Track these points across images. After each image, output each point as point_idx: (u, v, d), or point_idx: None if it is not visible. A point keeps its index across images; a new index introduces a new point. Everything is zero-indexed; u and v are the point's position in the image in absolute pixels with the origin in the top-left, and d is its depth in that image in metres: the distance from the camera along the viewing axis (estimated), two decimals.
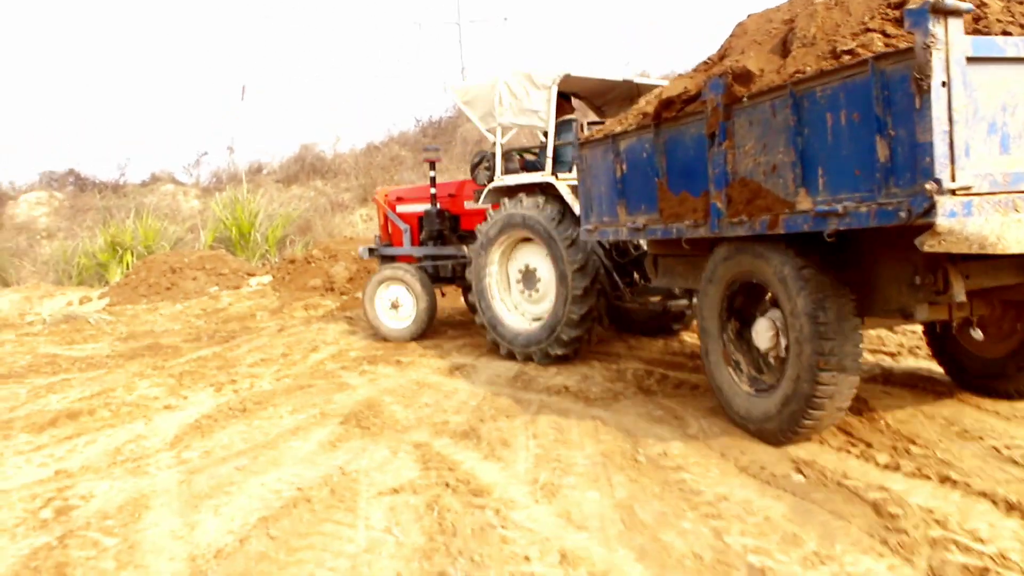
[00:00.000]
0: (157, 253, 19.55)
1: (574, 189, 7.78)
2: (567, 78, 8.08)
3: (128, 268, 19.42)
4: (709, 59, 5.73)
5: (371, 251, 11.07)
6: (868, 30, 4.20)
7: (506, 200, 8.37)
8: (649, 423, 5.90)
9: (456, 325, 11.28)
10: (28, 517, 4.77)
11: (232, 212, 20.88)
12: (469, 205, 9.83)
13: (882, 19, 4.22)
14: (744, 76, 4.75)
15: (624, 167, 6.18)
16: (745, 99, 4.75)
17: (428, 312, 9.81)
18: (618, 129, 6.21)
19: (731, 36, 5.68)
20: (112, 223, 21.16)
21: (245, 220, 20.63)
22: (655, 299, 8.00)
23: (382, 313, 10.07)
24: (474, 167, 9.14)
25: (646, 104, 6.12)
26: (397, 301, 9.98)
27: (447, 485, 4.76)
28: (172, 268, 17.52)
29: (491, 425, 6.04)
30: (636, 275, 8.43)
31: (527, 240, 8.38)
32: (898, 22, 4.09)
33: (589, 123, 7.67)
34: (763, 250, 4.88)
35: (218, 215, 21.36)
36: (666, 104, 5.44)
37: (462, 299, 11.37)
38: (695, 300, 6.58)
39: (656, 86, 8.75)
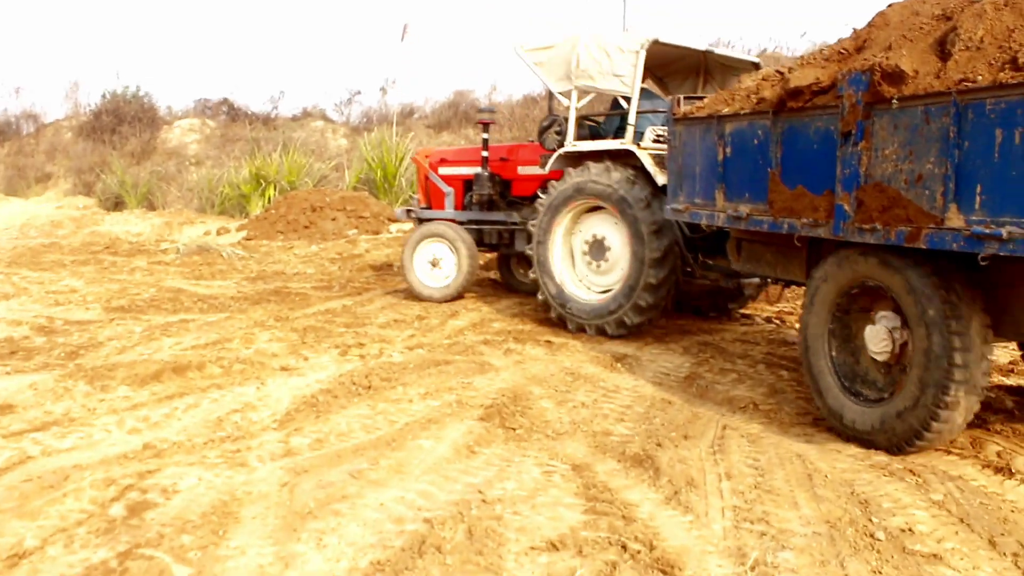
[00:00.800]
0: (299, 189, 19.06)
1: (655, 158, 7.61)
2: (655, 43, 7.72)
3: (269, 202, 19.03)
4: (844, 49, 5.29)
5: (408, 212, 10.71)
6: None
7: (570, 168, 8.05)
8: (874, 474, 4.54)
9: None
10: (96, 512, 3.86)
11: (379, 154, 20.20)
12: (524, 170, 9.47)
13: None
14: (896, 76, 4.43)
15: (728, 150, 5.93)
16: (895, 101, 4.44)
17: (470, 274, 9.47)
18: (726, 110, 5.92)
19: (870, 26, 5.29)
20: (259, 155, 20.84)
21: (392, 163, 19.90)
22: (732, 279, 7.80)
23: (420, 270, 9.71)
24: (543, 131, 8.71)
25: (758, 87, 5.81)
26: (437, 259, 9.61)
27: (623, 547, 3.54)
28: (312, 206, 16.93)
29: (670, 452, 4.80)
30: (700, 254, 7.94)
31: (594, 210, 8.07)
32: None
33: (685, 98, 7.03)
34: (895, 261, 4.69)
35: (364, 156, 20.72)
36: (793, 93, 5.14)
37: (507, 275, 10.99)
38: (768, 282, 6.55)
39: (740, 59, 8.63)
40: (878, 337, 4.93)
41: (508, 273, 10.95)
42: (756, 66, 8.81)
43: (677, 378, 6.63)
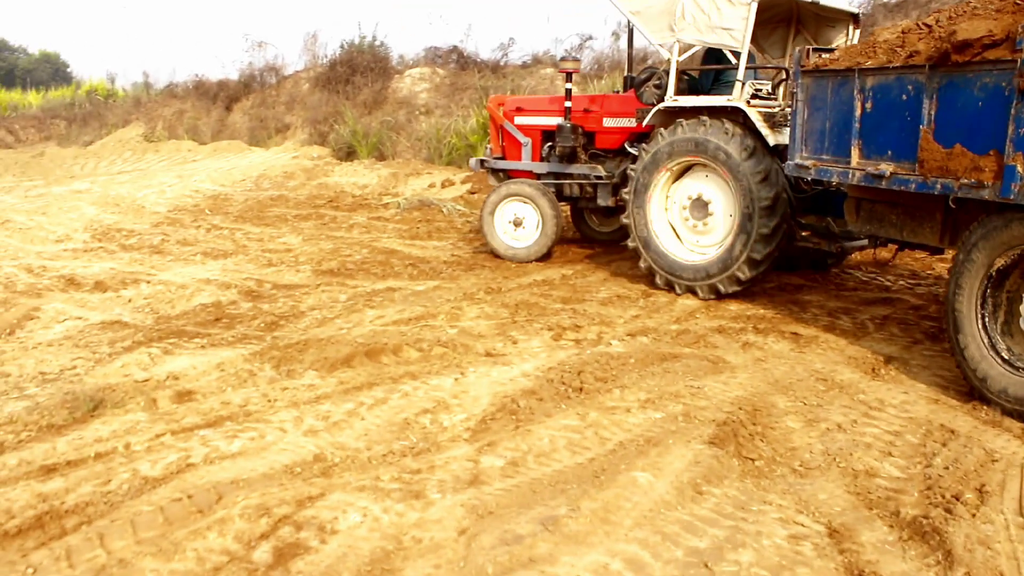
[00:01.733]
0: None
1: (763, 116, 7.34)
2: None
3: None
4: (1019, 1, 4.86)
5: (483, 163, 10.23)
6: None
7: (683, 122, 7.67)
8: None
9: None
10: (238, 554, 3.26)
11: None
12: (609, 122, 9.02)
13: None
14: None
15: (869, 105, 5.71)
16: None
17: (555, 233, 9.12)
18: (869, 63, 5.68)
19: None
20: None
21: None
22: (830, 242, 7.60)
23: (502, 230, 9.38)
24: (640, 84, 8.44)
25: (903, 40, 5.54)
26: (519, 219, 9.25)
27: None
28: None
29: (964, 524, 3.58)
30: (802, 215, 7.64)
31: (698, 167, 7.75)
32: None
33: (814, 49, 6.65)
34: None
35: None
36: (960, 46, 4.84)
37: (583, 226, 10.67)
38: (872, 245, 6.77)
39: (838, 9, 8.08)
40: None
41: (584, 224, 10.69)
42: (855, 17, 8.36)
43: (958, 394, 5.27)
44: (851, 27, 8.39)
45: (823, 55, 6.58)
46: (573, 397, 5.08)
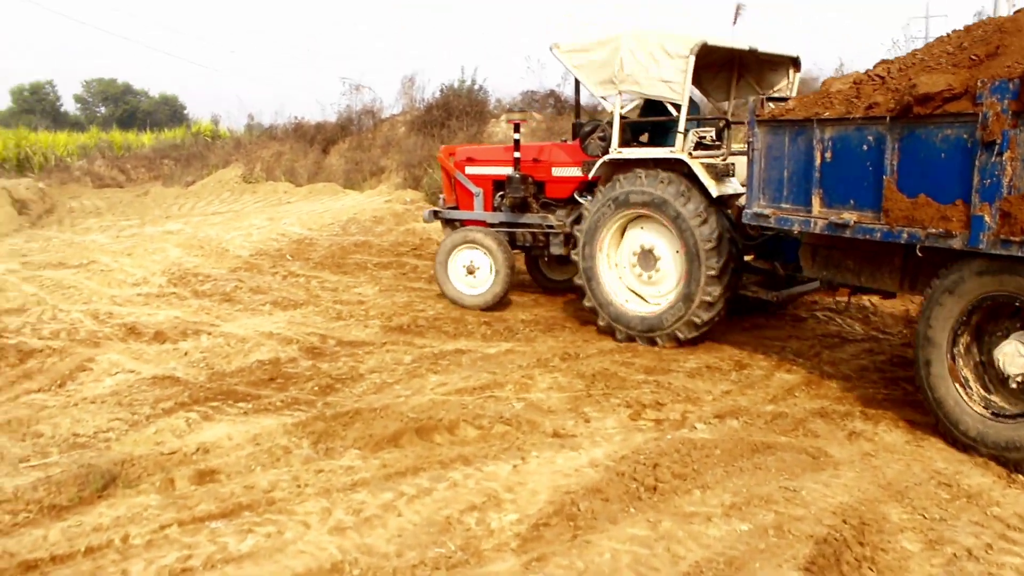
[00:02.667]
0: None
1: (707, 167, 7.39)
2: (704, 47, 7.35)
3: None
4: (975, 55, 5.09)
5: (435, 214, 10.21)
6: None
7: (621, 176, 7.76)
8: None
9: None
10: None
11: None
12: (559, 172, 9.02)
13: None
14: None
15: (828, 155, 5.81)
16: None
17: (508, 279, 9.03)
18: (827, 114, 5.79)
19: (1001, 32, 5.16)
20: None
21: None
22: (778, 291, 7.63)
23: (455, 278, 9.34)
24: (585, 136, 8.52)
25: (858, 91, 5.72)
26: (473, 266, 9.22)
27: None
28: None
29: None
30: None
31: (641, 218, 7.83)
32: None
33: (768, 99, 6.75)
34: None
35: None
36: (922, 99, 4.99)
37: (536, 274, 10.57)
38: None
39: (781, 55, 8.30)
40: (1016, 352, 4.84)
41: (538, 273, 10.59)
42: (795, 61, 8.53)
43: None
44: (791, 71, 8.63)
45: (776, 104, 6.63)
46: (645, 498, 4.37)
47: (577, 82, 9.12)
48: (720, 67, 8.53)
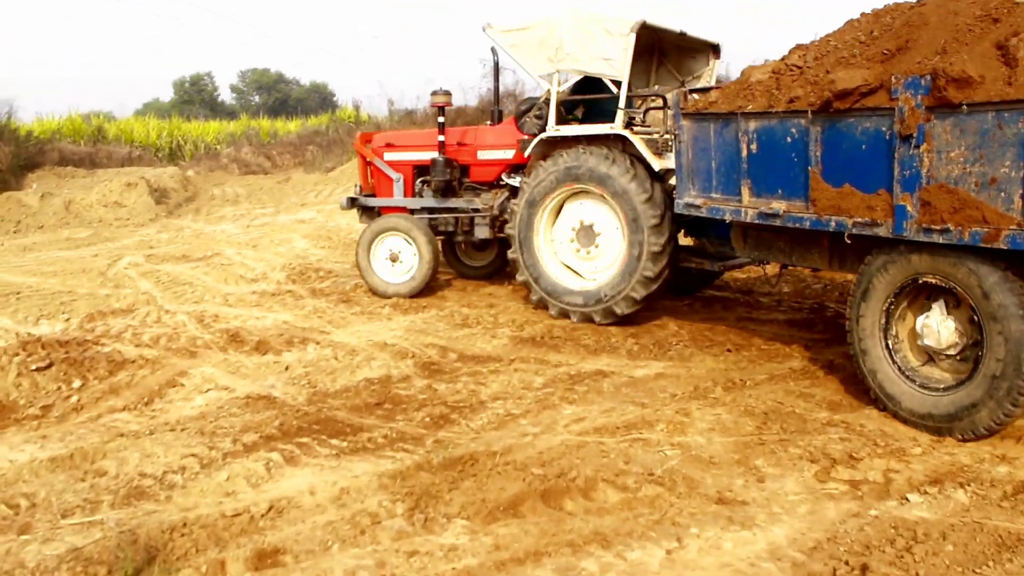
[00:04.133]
0: None
1: (647, 143, 7.54)
2: (643, 26, 7.50)
3: None
4: (887, 49, 5.28)
5: (352, 201, 9.89)
6: None
7: (564, 152, 7.82)
8: None
9: None
10: None
11: None
12: (484, 155, 9.04)
13: None
14: (963, 81, 4.53)
15: (755, 147, 5.92)
16: (964, 106, 4.56)
17: (433, 267, 8.92)
18: (751, 108, 5.88)
19: (906, 26, 5.39)
20: None
21: None
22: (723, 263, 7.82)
23: (379, 267, 9.10)
24: (521, 115, 8.66)
25: (778, 83, 5.85)
26: (396, 254, 9.04)
27: None
28: None
29: None
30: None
31: (580, 194, 7.88)
32: None
33: (691, 91, 6.94)
34: (968, 262, 4.81)
35: None
36: (840, 95, 5.15)
37: (454, 261, 10.25)
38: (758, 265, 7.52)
39: (701, 40, 8.58)
40: (941, 330, 5.10)
41: (455, 260, 10.28)
42: (715, 48, 8.77)
43: None
44: (711, 57, 8.83)
45: (699, 96, 6.74)
46: None
47: (496, 67, 9.22)
48: (640, 52, 8.12)
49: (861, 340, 5.51)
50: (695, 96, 6.75)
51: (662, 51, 8.92)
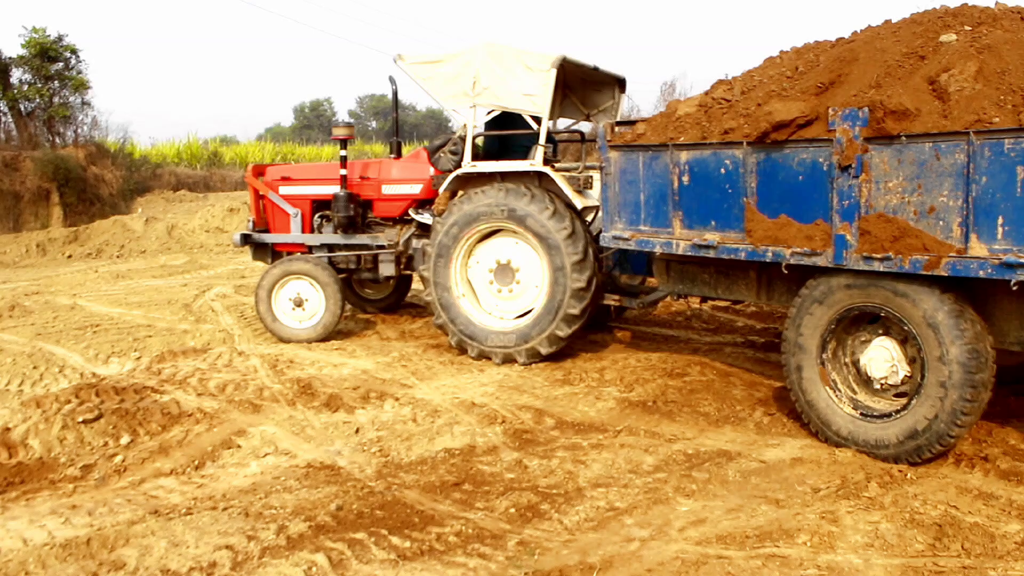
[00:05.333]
0: None
1: (567, 180, 7.55)
2: (565, 61, 7.51)
3: None
4: (821, 83, 5.41)
5: (245, 238, 9.33)
6: None
7: (482, 189, 7.63)
8: None
9: None
10: None
11: None
12: (389, 189, 8.74)
13: None
14: (902, 114, 4.73)
15: (686, 179, 5.97)
16: (903, 137, 4.74)
17: (340, 310, 8.51)
18: (682, 139, 5.95)
19: (837, 61, 5.53)
20: None
21: None
22: (640, 299, 7.76)
23: (282, 313, 8.65)
24: (435, 150, 8.39)
25: (708, 116, 5.96)
26: (301, 298, 8.61)
27: None
28: None
29: None
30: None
31: (498, 232, 7.70)
32: None
33: (618, 123, 6.80)
34: (908, 290, 4.94)
35: None
36: (778, 126, 5.27)
37: (351, 296, 9.87)
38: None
39: (609, 74, 8.58)
40: (880, 359, 5.22)
41: (352, 294, 9.87)
42: (621, 82, 8.75)
43: None
44: (617, 91, 8.74)
45: (625, 128, 6.67)
46: None
47: (395, 97, 9.04)
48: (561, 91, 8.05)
49: (797, 360, 5.58)
50: (621, 129, 6.67)
51: (568, 85, 8.74)
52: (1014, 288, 4.46)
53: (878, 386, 5.34)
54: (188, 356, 7.72)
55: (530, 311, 7.55)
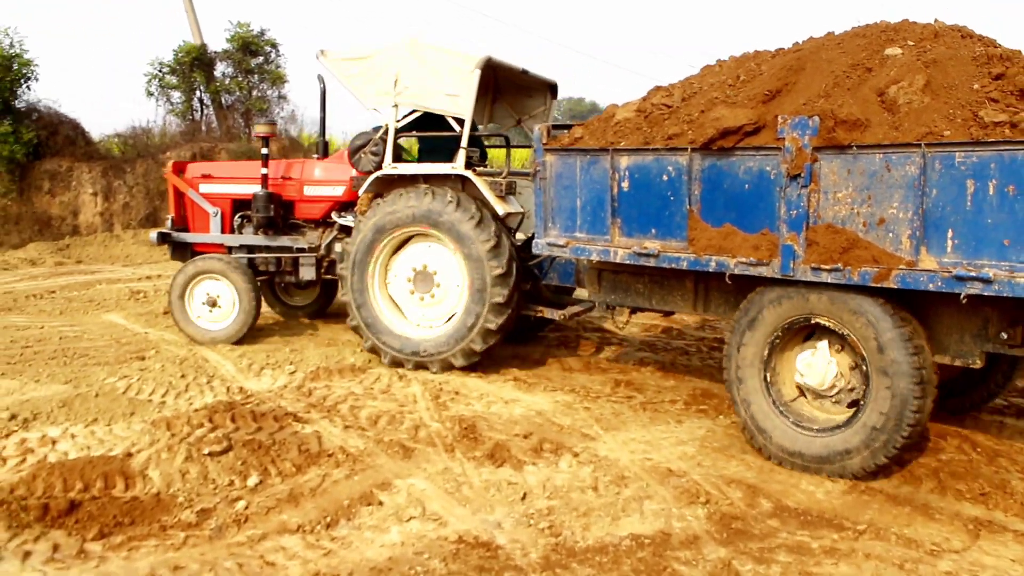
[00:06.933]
0: None
1: (489, 185, 7.33)
2: (488, 62, 7.36)
3: None
4: (768, 91, 5.38)
5: (163, 237, 9.25)
6: (990, 99, 4.55)
7: (403, 192, 7.48)
8: None
9: None
10: None
11: None
12: (311, 191, 8.65)
13: (998, 91, 4.58)
14: (853, 124, 4.72)
15: (626, 185, 5.85)
16: (854, 147, 4.75)
17: (253, 310, 8.41)
18: (623, 143, 5.85)
19: (784, 69, 5.47)
20: None
21: None
22: (564, 310, 7.59)
23: (195, 314, 8.59)
24: (355, 151, 8.06)
25: (648, 121, 5.82)
26: (213, 298, 8.49)
27: None
28: None
29: None
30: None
31: (420, 236, 7.60)
32: (1014, 95, 4.53)
33: (553, 127, 6.58)
34: (853, 300, 4.95)
35: None
36: (724, 133, 5.21)
37: (274, 301, 10.03)
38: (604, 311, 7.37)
39: (540, 79, 8.56)
40: (821, 369, 5.24)
41: (275, 299, 9.94)
42: (553, 87, 8.71)
43: None
44: (548, 97, 8.80)
45: (561, 132, 6.53)
46: None
47: (323, 95, 8.86)
48: (479, 88, 7.57)
49: (739, 369, 5.56)
50: (557, 133, 6.53)
51: (498, 88, 8.74)
52: (963, 301, 4.55)
53: (815, 398, 5.39)
54: (344, 375, 7.17)
55: (447, 319, 7.47)
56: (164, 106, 22.34)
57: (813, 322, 5.20)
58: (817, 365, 5.21)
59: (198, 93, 22.43)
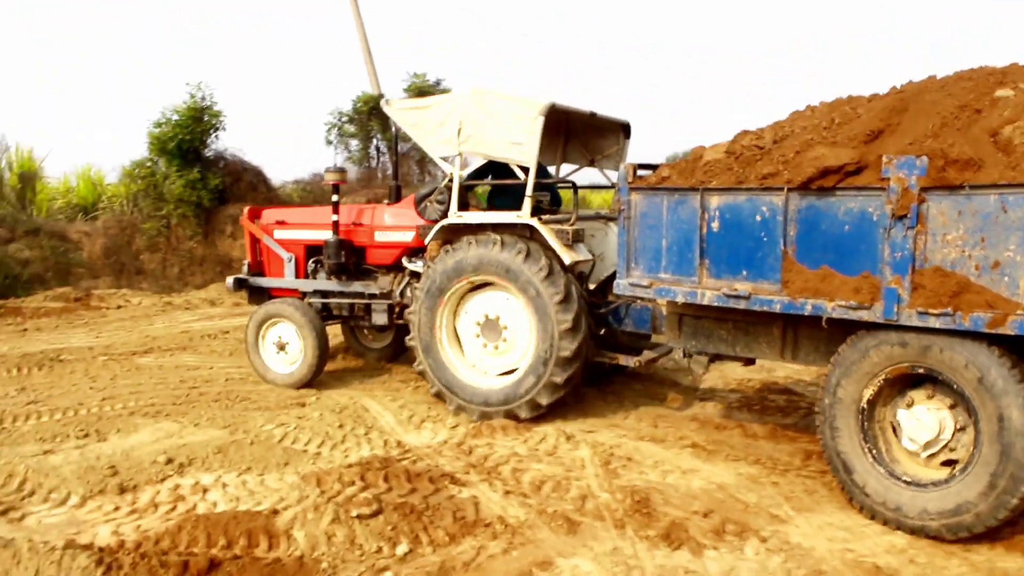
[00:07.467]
0: None
1: (556, 233, 7.23)
2: (552, 108, 7.18)
3: None
4: (871, 131, 5.28)
5: (240, 282, 9.40)
6: None
7: (471, 240, 7.42)
8: None
9: None
10: None
11: None
12: (382, 236, 8.62)
13: None
14: (965, 163, 4.62)
15: (716, 225, 5.82)
16: (967, 187, 4.62)
17: (320, 355, 8.42)
18: (714, 183, 5.82)
19: (886, 110, 5.40)
20: None
21: None
22: (640, 356, 7.50)
23: (267, 354, 8.71)
24: (421, 199, 8.28)
25: (742, 161, 5.78)
26: (283, 342, 8.58)
27: None
28: None
29: None
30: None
31: (480, 287, 7.57)
32: None
33: (639, 166, 6.46)
34: (964, 348, 4.76)
35: None
36: (824, 172, 5.15)
37: (353, 342, 10.25)
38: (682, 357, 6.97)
39: (613, 120, 8.46)
40: (927, 424, 5.00)
41: (355, 340, 10.16)
42: (626, 127, 8.61)
43: None
44: (622, 137, 8.62)
45: (648, 172, 6.48)
46: None
47: (395, 140, 9.34)
48: (549, 131, 7.55)
49: (835, 429, 5.34)
50: (643, 172, 6.48)
51: (570, 130, 8.76)
52: None
53: (922, 453, 5.10)
54: (508, 433, 6.68)
55: (515, 370, 7.35)
56: (342, 153, 23.07)
57: (916, 371, 4.98)
58: (919, 417, 5.02)
59: (375, 141, 23.01)
